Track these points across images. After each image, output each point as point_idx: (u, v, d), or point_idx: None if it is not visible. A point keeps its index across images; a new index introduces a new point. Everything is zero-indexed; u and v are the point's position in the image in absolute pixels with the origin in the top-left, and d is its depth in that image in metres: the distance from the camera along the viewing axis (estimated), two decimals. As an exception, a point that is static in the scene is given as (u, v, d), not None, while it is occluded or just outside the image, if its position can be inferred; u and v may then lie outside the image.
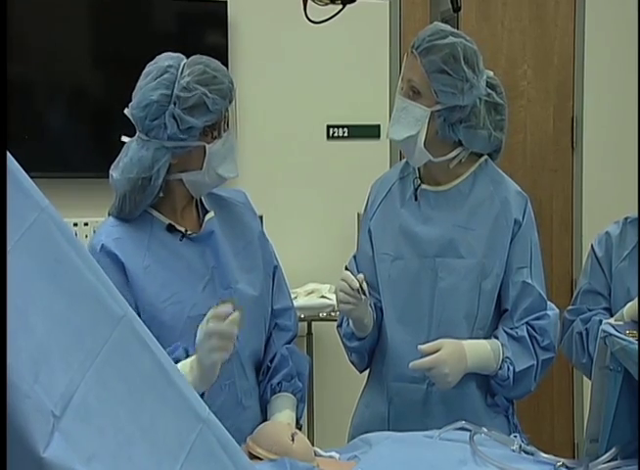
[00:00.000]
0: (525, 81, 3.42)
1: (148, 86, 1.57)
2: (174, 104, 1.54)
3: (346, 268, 1.81)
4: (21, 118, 2.75)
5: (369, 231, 1.86)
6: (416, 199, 1.81)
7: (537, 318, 1.81)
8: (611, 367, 1.49)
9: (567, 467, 1.47)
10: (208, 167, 1.60)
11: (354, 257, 1.92)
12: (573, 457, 1.58)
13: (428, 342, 1.72)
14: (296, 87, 3.19)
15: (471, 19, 3.26)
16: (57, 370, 0.85)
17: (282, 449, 1.41)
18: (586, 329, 1.90)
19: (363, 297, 1.69)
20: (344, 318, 1.85)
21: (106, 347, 0.91)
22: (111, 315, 0.95)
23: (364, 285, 1.69)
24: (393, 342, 1.81)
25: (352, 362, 1.92)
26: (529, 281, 1.81)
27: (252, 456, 1.39)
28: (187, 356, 1.49)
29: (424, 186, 1.82)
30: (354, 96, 3.19)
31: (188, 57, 1.64)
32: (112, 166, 1.63)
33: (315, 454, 1.49)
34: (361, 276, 1.71)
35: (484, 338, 1.79)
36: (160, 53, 3.07)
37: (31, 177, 0.94)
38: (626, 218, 1.97)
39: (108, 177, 2.88)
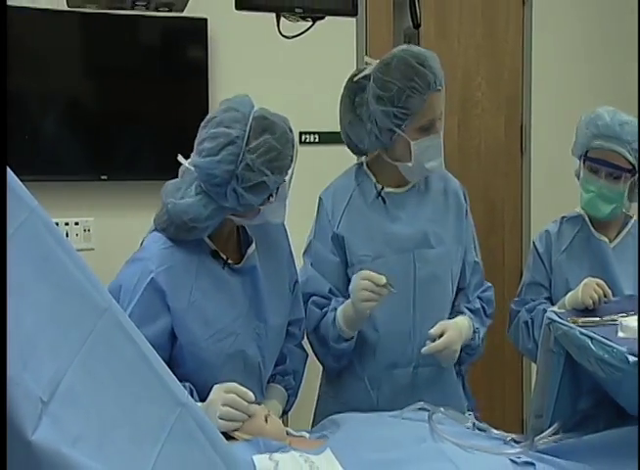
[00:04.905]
0: (480, 92, 3.44)
1: (214, 159, 1.43)
2: (236, 179, 1.43)
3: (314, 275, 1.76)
4: (17, 126, 2.72)
5: (335, 238, 1.77)
6: (384, 201, 1.79)
7: (484, 291, 1.89)
8: (554, 350, 1.51)
9: (515, 441, 1.49)
10: (259, 218, 1.54)
11: (311, 264, 1.79)
12: (522, 433, 1.59)
13: (414, 328, 1.74)
14: (270, 97, 3.11)
15: (430, 35, 3.26)
16: (45, 359, 0.84)
17: (256, 430, 1.40)
18: (531, 318, 1.94)
19: (393, 290, 1.63)
20: (331, 321, 1.72)
21: (91, 337, 0.91)
22: (95, 308, 0.94)
23: (389, 280, 1.64)
24: (381, 335, 1.76)
25: (328, 366, 1.81)
26: (477, 259, 1.89)
27: (229, 437, 1.38)
28: (191, 394, 1.43)
29: (386, 189, 1.80)
30: (325, 105, 3.17)
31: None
32: (167, 184, 1.51)
33: (287, 434, 1.48)
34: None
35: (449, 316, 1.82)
36: (145, 65, 3.05)
37: (27, 181, 0.93)
38: (563, 217, 2.02)
39: (96, 180, 2.87)
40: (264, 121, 1.46)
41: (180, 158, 1.50)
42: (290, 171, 1.52)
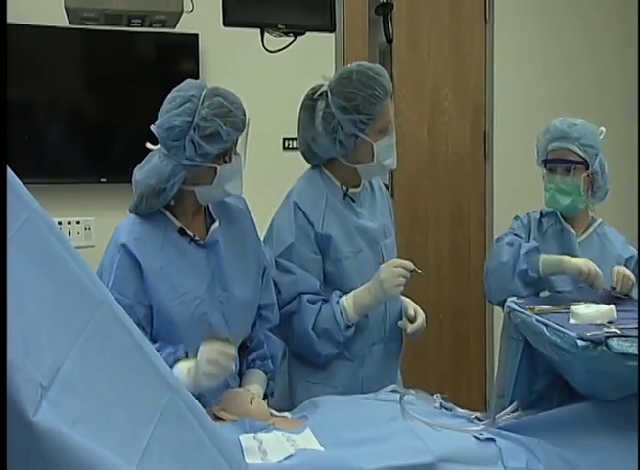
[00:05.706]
0: (447, 102, 3.45)
1: (173, 112, 1.50)
2: (194, 130, 1.48)
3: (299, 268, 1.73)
4: (23, 134, 2.70)
5: (320, 238, 1.74)
6: (353, 201, 1.80)
7: None
8: (513, 336, 1.53)
9: (478, 419, 1.50)
10: (218, 184, 1.55)
11: (290, 262, 1.73)
12: (485, 411, 1.60)
13: (385, 309, 1.79)
14: (256, 106, 3.10)
15: (402, 50, 3.27)
16: (45, 347, 0.83)
17: (242, 412, 1.40)
18: (519, 243, 1.91)
19: (421, 273, 1.70)
20: (339, 312, 1.70)
21: (88, 327, 0.90)
22: (93, 300, 0.94)
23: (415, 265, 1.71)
24: (370, 319, 1.78)
25: (326, 356, 1.73)
26: None
27: (217, 418, 1.37)
28: (187, 356, 1.44)
29: (351, 190, 1.82)
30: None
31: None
32: (136, 168, 1.57)
33: (270, 415, 1.48)
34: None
35: None
36: (141, 77, 3.03)
37: (32, 184, 0.92)
38: (541, 212, 2.04)
39: (96, 183, 2.85)
40: (217, 90, 1.54)
41: (148, 144, 1.56)
42: (243, 137, 1.56)
